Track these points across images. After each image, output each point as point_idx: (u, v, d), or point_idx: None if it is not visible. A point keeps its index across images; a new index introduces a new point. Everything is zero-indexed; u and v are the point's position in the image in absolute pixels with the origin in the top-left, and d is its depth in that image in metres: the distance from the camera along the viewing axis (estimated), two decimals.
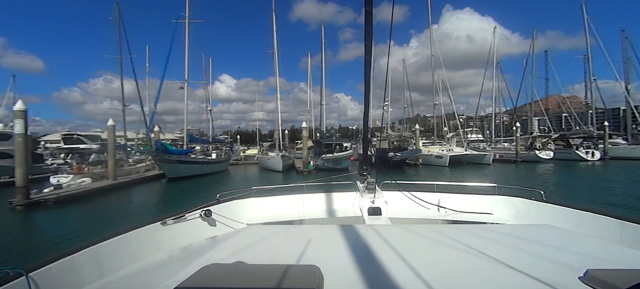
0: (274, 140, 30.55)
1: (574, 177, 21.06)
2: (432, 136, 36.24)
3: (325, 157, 24.52)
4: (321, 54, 36.55)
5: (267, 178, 23.76)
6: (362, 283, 1.44)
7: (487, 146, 37.19)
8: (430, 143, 33.11)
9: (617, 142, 33.59)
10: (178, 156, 21.18)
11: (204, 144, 29.51)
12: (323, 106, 34.53)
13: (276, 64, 27.66)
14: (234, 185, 20.45)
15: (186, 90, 24.25)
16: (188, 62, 24.23)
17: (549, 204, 3.15)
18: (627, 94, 35.10)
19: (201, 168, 22.87)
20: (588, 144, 31.34)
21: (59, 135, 32.41)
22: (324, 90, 35.69)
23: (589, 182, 18.33)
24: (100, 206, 13.65)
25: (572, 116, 40.68)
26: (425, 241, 2.18)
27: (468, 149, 30.53)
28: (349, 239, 2.20)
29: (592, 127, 35.78)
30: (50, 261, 1.77)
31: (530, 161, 29.46)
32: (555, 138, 34.92)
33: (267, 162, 27.31)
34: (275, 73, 27.76)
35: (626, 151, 30.45)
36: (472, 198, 3.77)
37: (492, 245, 2.03)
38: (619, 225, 2.39)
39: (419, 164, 28.08)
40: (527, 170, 24.35)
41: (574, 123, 39.85)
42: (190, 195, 16.50)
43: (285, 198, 3.98)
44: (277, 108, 27.86)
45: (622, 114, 49.16)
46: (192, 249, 2.49)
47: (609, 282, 1.23)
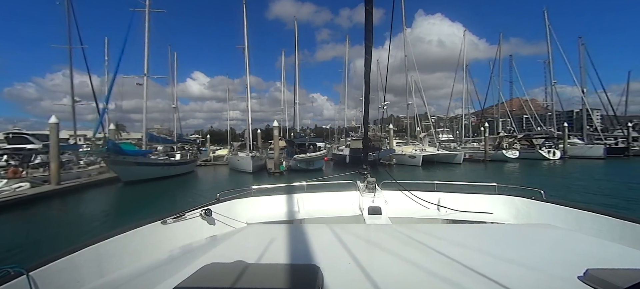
0: (245, 139, 29.05)
1: (538, 175, 22.10)
2: (406, 136, 36.55)
3: (297, 157, 23.62)
4: (295, 52, 35.52)
5: (236, 180, 22.47)
6: (362, 282, 1.42)
7: (457, 146, 38.34)
8: (404, 143, 33.31)
9: (574, 142, 35.79)
10: (135, 158, 19.28)
11: (167, 144, 27.44)
12: (297, 105, 33.54)
13: (247, 59, 26.32)
14: (198, 188, 18.94)
15: (146, 86, 22.30)
16: (148, 55, 22.34)
17: (549, 203, 3.12)
18: (583, 97, 37.49)
19: (162, 170, 21.04)
20: (549, 144, 32.99)
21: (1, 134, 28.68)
22: (297, 88, 34.72)
23: (552, 180, 19.26)
24: (36, 216, 11.80)
25: (533, 117, 42.90)
26: (425, 241, 2.13)
27: (440, 149, 31.02)
28: (349, 238, 2.18)
29: (552, 127, 37.91)
30: (51, 260, 1.78)
31: (498, 160, 30.50)
32: (520, 138, 36.49)
33: (237, 163, 25.90)
34: (246, 68, 26.39)
35: (583, 151, 32.61)
36: (472, 198, 3.73)
37: (492, 245, 2.02)
38: (619, 225, 2.40)
39: (392, 164, 28.01)
40: (495, 169, 25.07)
41: (535, 124, 42.03)
42: (148, 201, 14.95)
43: (285, 197, 3.96)
44: (248, 106, 26.47)
45: (576, 116, 53.16)
46: (192, 249, 2.46)
47: (609, 281, 1.22)
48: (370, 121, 54.59)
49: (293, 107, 36.23)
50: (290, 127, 37.82)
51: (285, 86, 41.63)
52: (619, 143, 34.71)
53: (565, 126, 34.80)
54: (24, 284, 1.55)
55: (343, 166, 28.31)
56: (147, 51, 22.35)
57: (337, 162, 31.41)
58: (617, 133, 37.29)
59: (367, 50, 2.62)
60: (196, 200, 11.19)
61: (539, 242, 2.12)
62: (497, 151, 32.67)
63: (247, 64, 26.22)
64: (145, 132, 22.89)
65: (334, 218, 3.57)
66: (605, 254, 1.87)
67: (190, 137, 49.69)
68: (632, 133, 35.32)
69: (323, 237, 2.26)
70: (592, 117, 39.42)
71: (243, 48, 26.91)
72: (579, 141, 36.59)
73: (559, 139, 34.06)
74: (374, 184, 3.61)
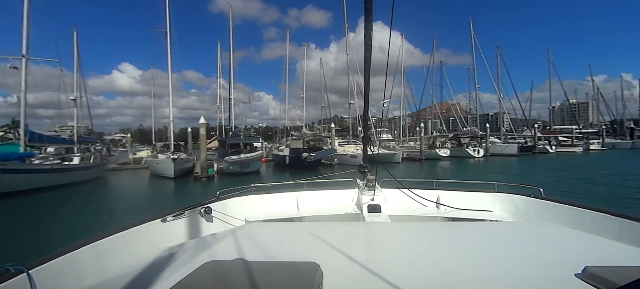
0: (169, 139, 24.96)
1: (467, 171, 24.06)
2: (348, 136, 36.37)
3: (229, 159, 20.84)
4: (229, 42, 31.91)
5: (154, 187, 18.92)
6: (362, 280, 1.42)
7: (396, 146, 39.76)
8: (346, 143, 32.89)
9: (493, 141, 40.22)
10: (3, 164, 14.51)
11: (59, 145, 22.04)
12: (232, 100, 29.96)
13: (168, 46, 22.43)
14: (95, 202, 15.03)
15: (24, 71, 17.22)
16: (27, 31, 17.30)
17: (548, 201, 3.17)
18: (501, 101, 42.36)
19: (47, 178, 16.37)
20: (474, 143, 36.55)
21: None
22: (232, 80, 30.87)
23: (479, 175, 21.07)
24: None
25: (459, 119, 47.33)
26: (425, 239, 2.15)
27: (380, 148, 31.32)
28: (349, 236, 2.21)
29: (476, 128, 42.01)
30: (51, 258, 1.80)
31: (432, 158, 32.30)
32: (450, 138, 39.33)
33: (156, 166, 22.02)
34: (168, 57, 22.39)
35: (501, 149, 37.15)
36: (471, 196, 3.76)
37: (491, 242, 2.03)
38: (617, 222, 2.45)
39: (334, 164, 27.13)
40: (430, 167, 26.48)
41: (461, 125, 46.31)
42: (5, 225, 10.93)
43: (284, 195, 3.99)
44: (169, 98, 22.45)
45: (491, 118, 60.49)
46: (191, 247, 2.45)
47: (607, 279, 1.23)
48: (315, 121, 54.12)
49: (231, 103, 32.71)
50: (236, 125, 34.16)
51: (220, 76, 37.52)
52: (527, 142, 40.02)
53: (488, 127, 38.78)
54: (24, 281, 1.56)
55: (283, 167, 26.35)
56: (26, 26, 17.32)
57: (276, 164, 29.34)
58: (526, 134, 43.05)
59: (366, 48, 2.95)
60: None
61: (537, 240, 2.07)
62: (432, 150, 34.46)
63: (168, 51, 22.38)
64: (24, 129, 17.70)
65: (334, 215, 3.60)
66: (603, 252, 1.83)
67: (114, 136, 42.54)
68: (538, 133, 41.01)
69: (322, 235, 2.17)
70: (509, 120, 44.49)
71: (165, 33, 23.08)
72: (497, 140, 41.20)
73: (482, 138, 37.74)
74: (373, 182, 3.57)
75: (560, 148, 40.27)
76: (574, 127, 51.45)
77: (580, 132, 48.91)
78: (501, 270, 1.50)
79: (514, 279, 1.40)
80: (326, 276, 1.33)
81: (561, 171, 21.40)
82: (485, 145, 36.40)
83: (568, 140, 44.53)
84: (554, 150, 38.92)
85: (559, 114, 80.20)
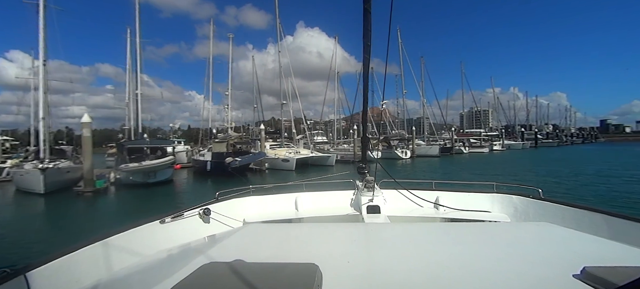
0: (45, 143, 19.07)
1: (397, 172, 24.06)
2: (280, 138, 34.34)
3: (126, 167, 16.67)
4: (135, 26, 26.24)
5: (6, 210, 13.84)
6: (361, 281, 1.41)
7: (330, 148, 39.60)
8: (278, 146, 30.77)
9: (419, 143, 43.41)
10: None
11: None
12: (138, 95, 24.37)
13: (41, 21, 16.99)
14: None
15: None
16: None
17: (547, 202, 3.20)
18: (424, 106, 45.90)
19: None
20: (402, 145, 38.68)
21: None
22: (139, 70, 24.55)
23: (409, 175, 22.11)
24: None
25: (388, 123, 50.11)
26: (424, 239, 2.11)
27: (314, 151, 30.62)
28: (348, 237, 2.20)
29: (404, 131, 44.67)
30: (49, 260, 1.79)
31: None
32: (382, 140, 40.60)
33: (20, 180, 16.57)
34: (39, 29, 16.82)
35: (425, 150, 40.31)
36: (470, 196, 3.79)
37: (490, 243, 2.02)
38: (616, 223, 2.48)
39: (265, 170, 24.74)
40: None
41: (390, 128, 48.88)
42: None
43: (283, 196, 4.01)
44: (40, 91, 16.86)
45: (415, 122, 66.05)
46: (190, 248, 2.36)
47: (606, 279, 1.23)
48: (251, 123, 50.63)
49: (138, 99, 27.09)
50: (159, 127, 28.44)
51: (129, 72, 31.08)
52: (446, 144, 44.41)
53: (414, 130, 41.68)
54: (22, 284, 1.56)
55: (204, 175, 22.76)
56: None
57: (197, 170, 25.51)
58: (445, 136, 47.76)
59: (365, 49, 2.85)
60: None
61: (536, 240, 2.03)
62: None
63: (41, 27, 16.93)
64: None
65: (333, 216, 3.62)
66: (602, 252, 1.78)
67: None
68: (454, 136, 45.80)
69: (321, 236, 2.22)
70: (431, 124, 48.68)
71: (36, 4, 17.55)
72: (421, 142, 44.57)
73: (409, 141, 40.30)
74: (372, 183, 3.57)
75: (472, 149, 46.47)
76: (482, 130, 59.21)
77: (486, 134, 57.13)
78: (501, 270, 1.50)
79: (512, 279, 1.40)
80: (325, 277, 1.33)
81: (478, 168, 24.29)
82: (412, 147, 38.68)
83: (477, 141, 51.23)
84: (468, 151, 44.58)
85: (467, 119, 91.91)
